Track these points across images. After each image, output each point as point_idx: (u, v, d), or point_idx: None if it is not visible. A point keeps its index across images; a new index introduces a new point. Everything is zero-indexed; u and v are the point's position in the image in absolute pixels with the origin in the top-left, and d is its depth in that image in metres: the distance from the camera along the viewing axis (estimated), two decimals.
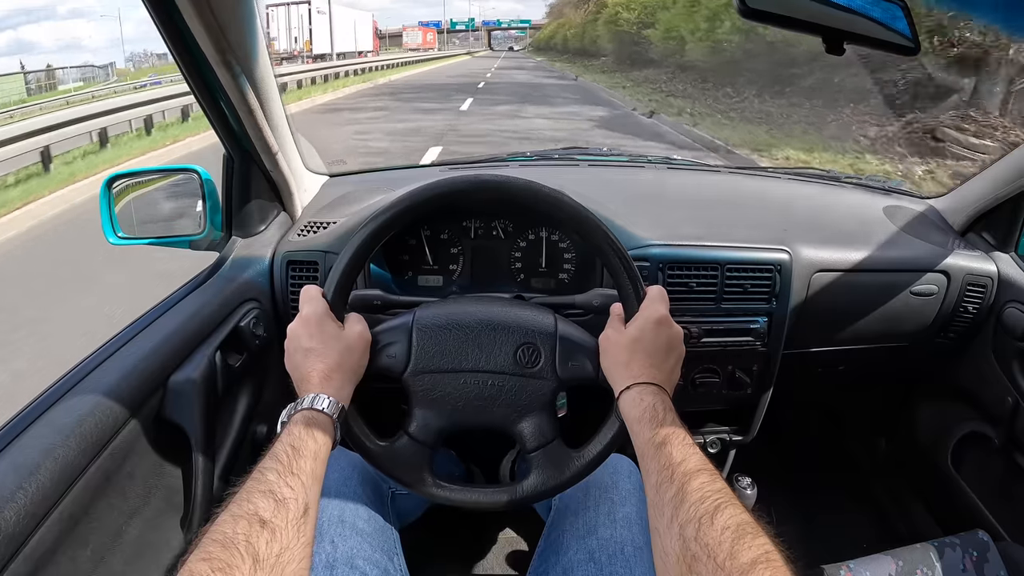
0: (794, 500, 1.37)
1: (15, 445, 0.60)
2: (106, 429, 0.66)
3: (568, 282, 1.00)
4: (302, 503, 0.50)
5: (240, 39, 0.76)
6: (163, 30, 0.72)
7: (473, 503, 0.69)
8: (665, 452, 0.54)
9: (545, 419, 0.69)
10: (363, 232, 0.68)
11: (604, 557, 0.70)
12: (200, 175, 0.96)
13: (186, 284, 0.94)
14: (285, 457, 0.53)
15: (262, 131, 0.89)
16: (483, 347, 0.69)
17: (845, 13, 0.71)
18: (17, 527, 0.53)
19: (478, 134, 8.11)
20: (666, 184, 1.32)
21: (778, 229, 1.05)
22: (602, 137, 7.98)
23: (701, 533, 0.46)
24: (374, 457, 0.68)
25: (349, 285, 0.69)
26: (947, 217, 1.19)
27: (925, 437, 1.32)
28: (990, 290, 1.10)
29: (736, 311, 0.99)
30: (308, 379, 0.62)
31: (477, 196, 0.70)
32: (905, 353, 1.17)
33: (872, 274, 1.06)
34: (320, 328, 0.65)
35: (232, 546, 0.44)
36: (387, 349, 0.69)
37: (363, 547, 0.72)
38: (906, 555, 1.03)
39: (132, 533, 0.71)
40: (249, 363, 0.92)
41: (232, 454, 0.89)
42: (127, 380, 0.71)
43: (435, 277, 1.00)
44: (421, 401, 0.69)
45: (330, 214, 1.05)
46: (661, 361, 0.65)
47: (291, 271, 0.98)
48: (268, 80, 0.86)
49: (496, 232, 0.99)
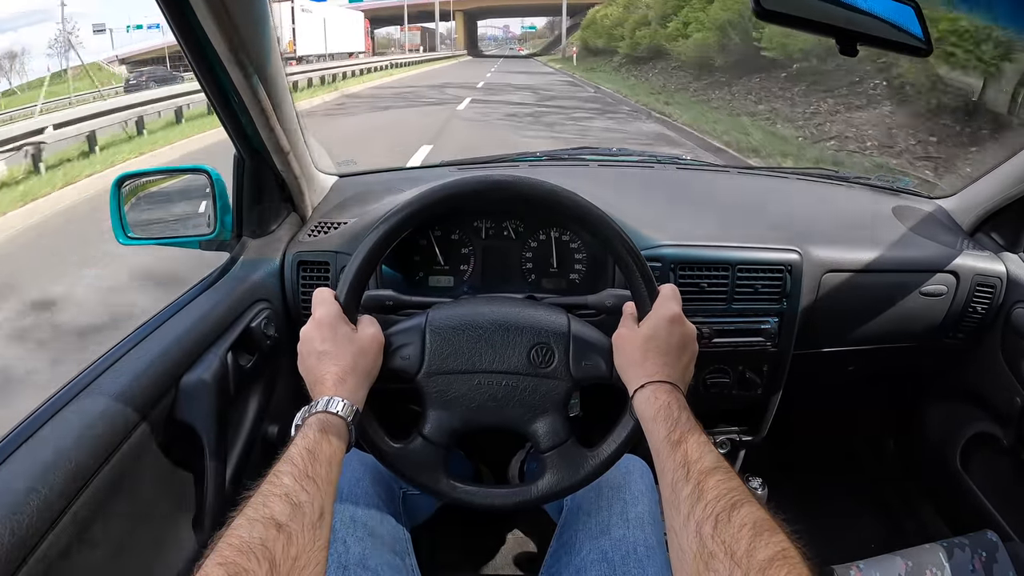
0: (803, 500, 1.36)
1: (28, 446, 0.59)
2: (118, 430, 0.66)
3: (579, 282, 1.00)
4: (318, 507, 0.50)
5: (253, 38, 0.75)
6: (176, 29, 0.72)
7: (488, 504, 0.69)
8: (681, 450, 0.54)
9: (559, 419, 0.69)
10: (375, 234, 0.68)
11: (617, 557, 0.70)
12: (210, 175, 0.96)
13: (197, 285, 0.94)
14: (300, 461, 0.53)
15: (274, 131, 0.89)
16: (496, 348, 0.69)
17: (859, 15, 0.71)
18: (30, 529, 0.53)
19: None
20: (676, 184, 1.32)
21: (788, 229, 1.05)
22: None
23: (718, 531, 0.46)
24: (389, 459, 0.68)
25: (361, 287, 0.69)
26: (956, 217, 1.19)
27: (934, 437, 1.32)
28: (999, 290, 1.09)
29: (747, 311, 0.99)
30: (322, 382, 0.62)
31: (489, 196, 0.70)
32: (914, 353, 1.17)
33: (882, 274, 1.06)
34: (333, 331, 0.64)
35: (248, 550, 0.44)
36: (400, 351, 0.69)
37: (375, 548, 0.72)
38: (915, 555, 1.03)
39: (144, 534, 0.71)
40: (260, 364, 0.92)
41: (244, 455, 0.89)
42: (139, 381, 0.71)
43: (446, 278, 1.00)
44: (435, 402, 0.69)
45: (341, 214, 1.05)
46: (675, 359, 0.65)
47: (302, 271, 0.98)
48: (280, 79, 0.85)
49: (507, 232, 0.99)
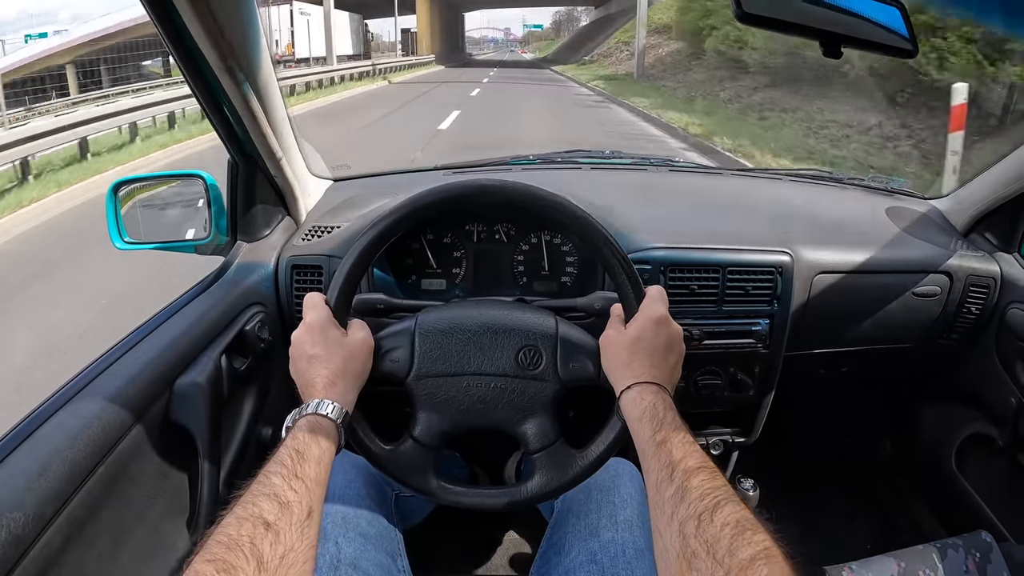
0: (797, 502, 1.36)
1: (24, 447, 0.60)
2: (113, 432, 0.66)
3: (570, 285, 1.00)
4: (306, 506, 0.51)
5: (241, 43, 0.76)
6: (163, 33, 0.72)
7: (478, 504, 0.70)
8: (665, 450, 0.55)
9: (548, 420, 0.69)
10: (364, 239, 0.68)
11: (606, 559, 0.70)
12: (205, 180, 0.97)
13: (191, 288, 0.95)
14: (289, 461, 0.53)
15: (265, 136, 0.90)
16: (485, 350, 0.69)
17: (842, 16, 0.71)
18: (26, 528, 0.54)
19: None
20: (668, 186, 1.32)
21: (780, 231, 1.05)
22: None
23: (701, 530, 0.46)
24: (379, 461, 0.68)
25: (352, 291, 0.69)
26: (949, 217, 1.19)
27: (928, 438, 1.32)
28: (993, 291, 1.09)
29: (738, 313, 1.00)
30: (312, 385, 0.63)
31: (479, 200, 0.70)
32: (908, 354, 1.17)
33: (874, 275, 1.06)
34: (324, 335, 0.65)
35: (237, 548, 0.44)
36: (390, 354, 0.70)
37: (367, 549, 0.72)
38: (909, 556, 1.03)
39: (138, 535, 0.72)
40: (254, 367, 0.93)
41: (237, 457, 0.90)
42: (133, 383, 0.72)
43: (438, 281, 1.00)
44: (425, 405, 0.69)
45: (334, 218, 1.06)
46: (661, 360, 0.65)
47: (296, 275, 0.99)
48: (271, 85, 0.86)
49: (499, 236, 1.00)
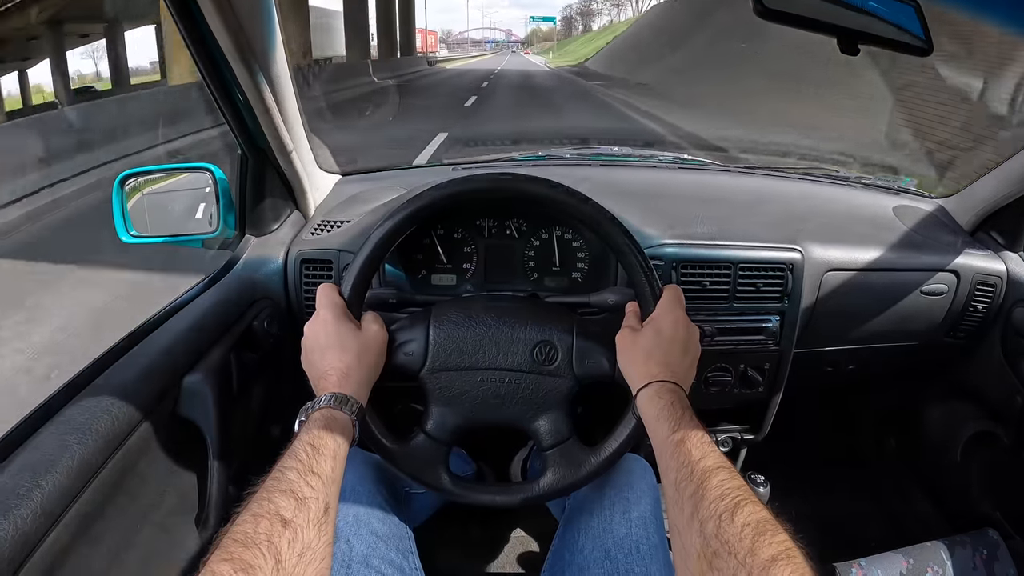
0: (805, 499, 1.37)
1: (32, 443, 0.59)
2: (121, 427, 0.66)
3: (581, 281, 1.00)
4: (323, 502, 0.50)
5: (259, 36, 0.76)
6: (182, 25, 0.72)
7: (490, 502, 0.70)
8: (683, 450, 0.55)
9: (561, 417, 0.69)
10: (379, 231, 0.68)
11: (620, 555, 0.70)
12: (214, 173, 0.96)
13: (199, 282, 0.94)
14: (305, 456, 0.53)
15: (277, 129, 0.89)
16: (500, 345, 0.69)
17: (859, 14, 0.71)
18: (34, 525, 0.53)
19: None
20: (677, 184, 1.32)
21: (790, 229, 1.05)
22: None
23: (721, 530, 0.46)
24: (391, 456, 0.68)
25: (366, 284, 0.69)
26: (956, 217, 1.19)
27: (935, 436, 1.33)
28: (999, 290, 1.10)
29: (749, 310, 1.00)
30: (326, 377, 0.62)
31: (494, 195, 0.70)
32: (915, 352, 1.17)
33: (882, 273, 1.06)
34: (337, 327, 0.65)
35: (254, 546, 0.44)
36: (404, 347, 0.70)
37: (379, 546, 0.72)
38: (917, 553, 1.04)
39: (147, 532, 0.71)
40: (263, 361, 0.93)
41: (247, 452, 0.89)
42: (142, 378, 0.71)
43: (448, 276, 1.00)
44: (438, 399, 0.69)
45: (343, 213, 1.05)
46: (678, 360, 0.65)
47: (304, 270, 0.99)
48: (284, 78, 0.86)
49: (510, 231, 1.00)
